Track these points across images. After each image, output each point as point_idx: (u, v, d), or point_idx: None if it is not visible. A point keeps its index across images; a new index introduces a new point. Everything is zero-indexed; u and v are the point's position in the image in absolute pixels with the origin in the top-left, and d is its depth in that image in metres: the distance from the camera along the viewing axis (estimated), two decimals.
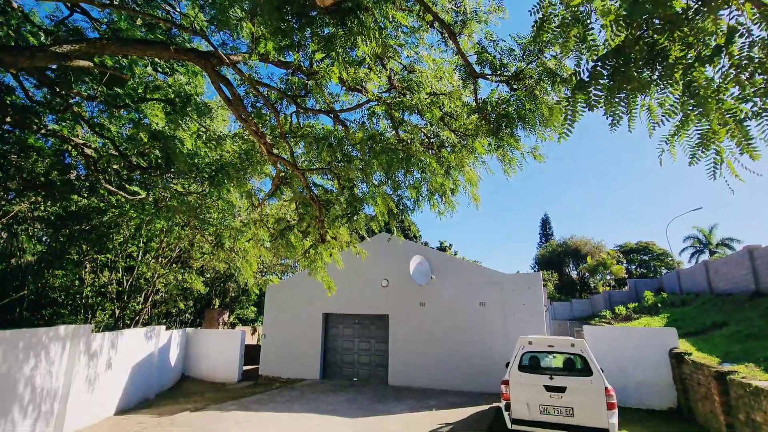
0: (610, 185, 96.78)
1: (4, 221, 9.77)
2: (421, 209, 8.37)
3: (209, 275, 20.35)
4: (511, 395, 6.53)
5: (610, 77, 2.59)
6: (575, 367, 7.03)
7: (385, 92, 6.58)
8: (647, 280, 30.78)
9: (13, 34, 6.77)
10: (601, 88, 2.59)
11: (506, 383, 6.67)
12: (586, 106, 2.63)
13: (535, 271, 38.64)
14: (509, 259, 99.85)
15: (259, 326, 24.90)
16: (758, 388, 6.06)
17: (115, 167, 9.79)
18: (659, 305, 19.46)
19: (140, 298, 15.28)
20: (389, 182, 7.87)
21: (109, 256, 13.07)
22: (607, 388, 6.16)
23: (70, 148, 8.95)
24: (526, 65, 5.63)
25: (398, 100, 5.80)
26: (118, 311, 14.47)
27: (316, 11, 4.65)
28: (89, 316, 13.79)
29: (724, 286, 16.94)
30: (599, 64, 2.56)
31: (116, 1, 6.45)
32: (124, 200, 9.77)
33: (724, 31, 2.50)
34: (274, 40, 5.61)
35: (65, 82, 7.47)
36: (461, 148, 6.76)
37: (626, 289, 30.60)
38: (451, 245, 37.42)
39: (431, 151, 6.70)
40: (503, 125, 5.82)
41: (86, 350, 8.34)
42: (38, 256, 11.40)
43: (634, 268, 41.31)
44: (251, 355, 16.80)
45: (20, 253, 12.29)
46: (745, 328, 10.80)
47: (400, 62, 6.62)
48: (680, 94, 2.63)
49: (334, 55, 4.96)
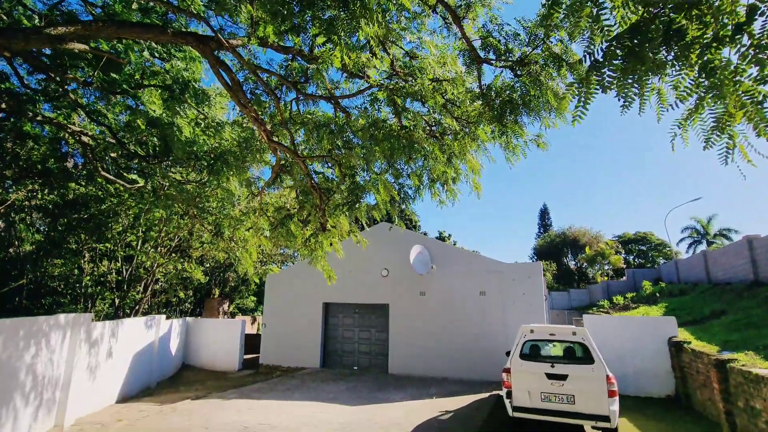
0: (609, 175, 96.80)
1: (1, 209, 9.68)
2: (422, 198, 8.31)
3: (209, 265, 20.33)
4: (512, 383, 6.56)
5: (624, 58, 2.51)
6: (575, 355, 7.05)
7: (386, 79, 6.47)
8: (645, 270, 30.92)
9: (5, 17, 6.61)
10: (615, 68, 2.52)
11: (508, 371, 6.68)
12: (599, 87, 2.56)
13: (533, 261, 38.76)
14: (508, 249, 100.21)
15: (258, 316, 24.98)
16: (759, 375, 6.09)
17: (112, 155, 9.67)
18: (657, 295, 19.56)
19: (140, 287, 15.26)
20: (390, 170, 7.80)
21: (108, 245, 13.00)
22: (608, 375, 6.18)
23: (66, 135, 8.82)
24: (531, 50, 5.52)
25: (401, 85, 5.69)
26: (117, 300, 14.46)
27: None
28: (89, 305, 13.77)
29: (722, 275, 17.01)
30: (614, 43, 2.48)
31: None
32: (122, 189, 9.67)
33: (743, 11, 2.42)
34: (273, 23, 5.48)
35: (60, 67, 7.32)
36: (464, 135, 6.68)
37: (624, 279, 30.75)
38: (450, 235, 37.44)
39: (434, 138, 6.61)
40: (507, 112, 5.73)
41: (87, 339, 8.33)
42: (36, 245, 11.33)
43: (632, 258, 41.49)
44: (251, 344, 16.87)
45: (18, 242, 12.21)
46: (743, 317, 10.85)
47: (402, 48, 6.50)
48: (696, 75, 2.56)
49: (335, 38, 4.84)
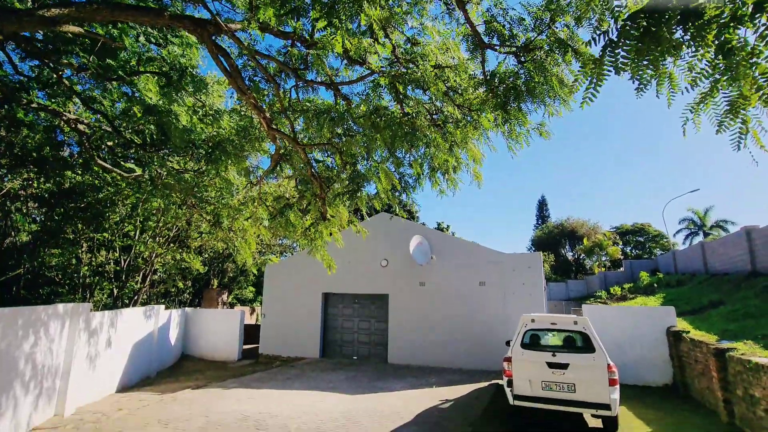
0: (608, 167, 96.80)
1: None
2: (422, 187, 8.26)
3: (207, 255, 20.28)
4: (513, 372, 6.57)
5: (640, 38, 2.43)
6: (575, 344, 7.07)
7: (388, 65, 6.36)
8: (643, 261, 31.05)
9: None
10: (629, 49, 2.44)
11: (508, 360, 6.69)
12: (612, 68, 2.49)
13: (531, 252, 38.89)
14: (506, 241, 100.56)
15: (257, 306, 25.02)
16: (758, 364, 6.12)
17: (109, 144, 9.54)
18: (655, 285, 19.66)
19: (138, 277, 15.20)
20: (391, 159, 7.72)
21: (105, 235, 12.90)
22: (609, 364, 6.20)
23: (61, 123, 8.67)
24: (536, 36, 5.42)
25: (402, 71, 5.59)
26: (116, 291, 14.41)
27: None
28: (87, 295, 13.72)
29: (720, 266, 17.08)
30: (629, 22, 2.40)
31: None
32: (119, 178, 9.56)
33: None
34: (273, 6, 5.36)
35: (55, 52, 7.16)
36: (466, 123, 6.59)
37: (622, 270, 30.89)
38: (448, 226, 37.45)
39: (436, 126, 6.52)
40: (511, 99, 5.64)
41: (86, 328, 8.29)
42: (33, 234, 11.23)
43: (629, 249, 41.65)
44: (250, 334, 16.92)
45: (14, 232, 12.11)
46: (741, 307, 10.91)
47: (403, 34, 6.38)
48: (712, 56, 2.49)
49: (337, 22, 4.73)
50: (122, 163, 9.48)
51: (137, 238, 13.96)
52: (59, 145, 9.21)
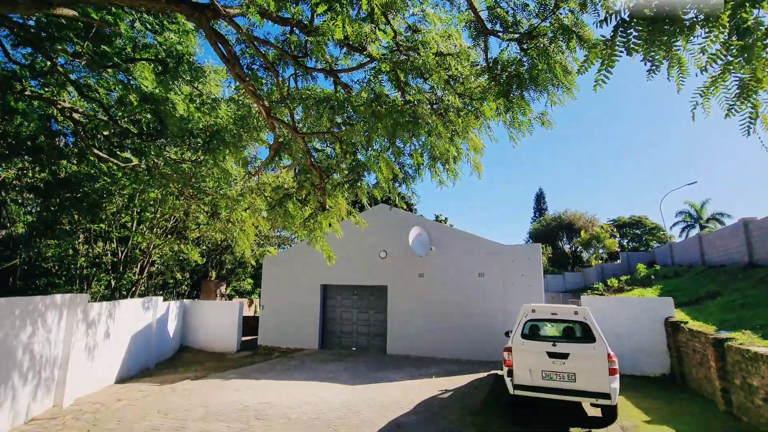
0: (605, 159, 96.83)
1: None
2: (422, 178, 8.19)
3: (206, 247, 20.20)
4: (513, 362, 6.58)
5: (653, 19, 2.37)
6: (575, 334, 7.08)
7: (388, 53, 6.26)
8: (639, 253, 31.20)
9: None
10: (641, 29, 2.38)
11: (509, 350, 6.70)
12: (624, 49, 2.43)
13: (530, 243, 38.96)
14: (503, 234, 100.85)
15: (255, 298, 25.03)
16: (757, 353, 6.15)
17: (105, 133, 9.40)
18: (652, 277, 19.75)
19: (136, 269, 15.13)
20: (391, 149, 7.64)
21: (102, 226, 12.78)
22: (609, 354, 6.21)
23: (55, 111, 8.53)
24: (540, 22, 5.33)
25: (404, 58, 5.50)
26: (114, 282, 14.34)
27: None
28: (84, 286, 13.65)
29: (717, 258, 17.16)
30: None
31: None
32: (115, 168, 9.44)
33: None
34: None
35: (48, 38, 7.01)
36: (467, 112, 6.52)
37: (619, 262, 31.01)
38: (446, 219, 37.41)
39: (437, 115, 6.44)
40: (514, 86, 5.58)
41: (84, 319, 8.24)
42: (29, 225, 11.11)
43: (626, 242, 41.84)
44: (249, 326, 16.93)
45: (10, 222, 11.98)
46: (738, 297, 10.96)
47: (404, 20, 6.28)
48: (726, 37, 2.43)
49: (337, 7, 4.64)
50: (118, 152, 9.36)
51: (134, 229, 13.87)
52: (54, 134, 9.07)
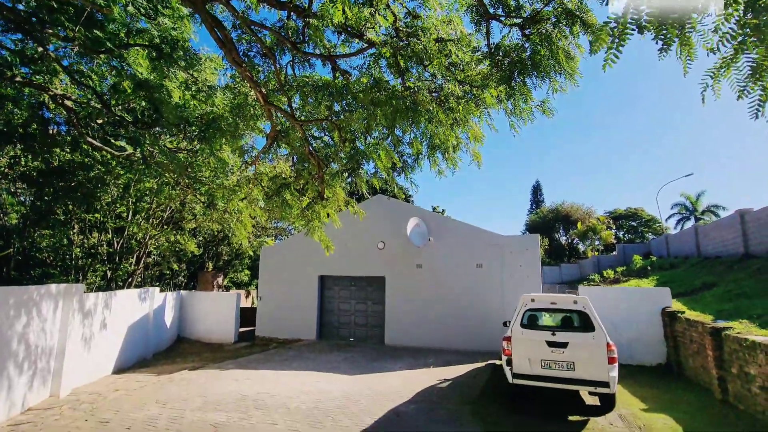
0: (603, 152, 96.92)
1: None
2: (421, 168, 8.12)
3: (202, 237, 20.08)
4: (513, 351, 6.58)
5: None
6: (575, 323, 7.09)
7: (388, 39, 6.15)
8: (635, 245, 31.36)
9: None
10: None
11: (508, 339, 6.70)
12: (636, 27, 2.36)
13: (529, 234, 39.04)
14: (500, 226, 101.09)
15: (253, 290, 24.98)
16: (755, 342, 6.18)
17: (99, 122, 9.23)
18: (648, 268, 19.87)
19: (132, 259, 15.01)
20: (390, 137, 7.54)
21: (97, 216, 12.63)
22: (608, 343, 6.22)
23: (47, 99, 8.34)
24: (543, 6, 5.24)
25: (405, 43, 5.39)
26: (110, 273, 14.23)
27: None
28: (80, 277, 13.54)
29: (712, 249, 17.26)
30: None
31: None
32: (109, 156, 9.29)
33: None
34: None
35: (39, 22, 6.83)
36: (467, 100, 6.44)
37: (615, 253, 31.19)
38: (444, 210, 37.42)
39: (437, 103, 6.35)
40: (516, 73, 5.49)
41: (80, 309, 8.16)
42: (22, 214, 10.95)
43: (622, 234, 42.04)
44: (246, 317, 16.91)
45: (3, 213, 11.81)
46: (735, 288, 11.03)
47: (404, 6, 6.15)
48: (741, 14, 2.36)
49: None
50: (113, 141, 9.20)
51: (130, 219, 13.73)
52: (46, 122, 8.90)
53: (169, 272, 19.04)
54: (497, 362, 10.30)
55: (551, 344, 6.43)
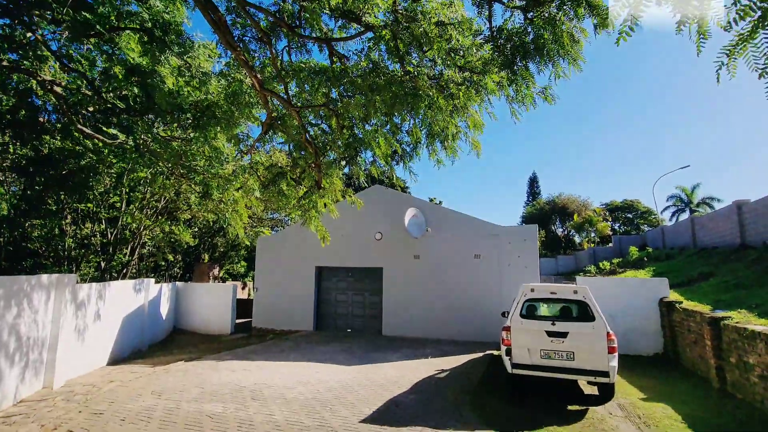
0: (599, 143, 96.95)
1: None
2: (419, 157, 8.00)
3: (198, 228, 19.88)
4: (512, 341, 6.53)
5: None
6: (575, 313, 7.05)
7: (387, 22, 5.98)
8: (631, 236, 31.46)
9: None
10: None
11: (507, 329, 6.64)
12: None
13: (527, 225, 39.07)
14: (497, 217, 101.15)
15: (249, 281, 24.87)
16: (754, 331, 6.16)
17: (90, 109, 9.00)
18: (645, 259, 19.92)
19: (126, 250, 14.83)
20: (389, 125, 7.39)
21: (90, 205, 12.41)
22: (609, 332, 6.18)
23: (35, 84, 8.10)
24: None
25: (405, 25, 5.22)
26: (103, 264, 14.05)
27: None
28: (73, 268, 13.35)
29: (709, 240, 17.29)
30: None
31: None
32: (101, 144, 9.06)
33: None
34: None
35: (26, 3, 6.59)
36: (468, 86, 6.29)
37: (611, 245, 31.27)
38: (440, 202, 37.29)
39: (437, 88, 6.20)
40: (518, 57, 5.35)
41: (73, 300, 8.02)
42: (12, 204, 10.72)
43: (618, 226, 42.18)
44: (242, 309, 16.81)
45: None
46: (732, 278, 11.03)
47: None
48: None
49: None
50: (104, 128, 8.97)
51: (124, 209, 13.52)
52: (36, 109, 8.66)
53: (164, 263, 18.87)
54: (495, 353, 10.29)
55: (551, 334, 6.39)
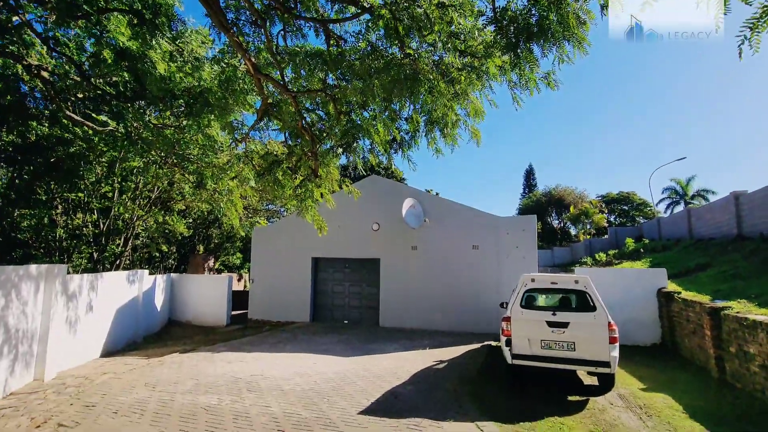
0: (596, 135, 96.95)
1: None
2: (417, 146, 7.83)
3: (192, 219, 19.64)
4: (512, 331, 6.44)
5: None
6: (575, 303, 6.97)
7: (386, 2, 5.78)
8: (627, 228, 31.54)
9: None
10: None
11: (507, 320, 6.55)
12: None
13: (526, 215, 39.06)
14: (493, 209, 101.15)
15: (245, 273, 24.70)
16: (755, 321, 6.11)
17: (79, 96, 8.74)
18: (641, 251, 19.93)
19: (119, 241, 14.60)
20: (387, 112, 7.22)
21: (81, 195, 12.16)
22: (610, 322, 6.11)
23: (20, 69, 7.82)
24: None
25: (405, 5, 5.03)
26: (96, 254, 13.83)
27: None
28: (65, 258, 13.13)
29: (705, 231, 17.30)
30: None
31: None
32: (91, 132, 8.83)
33: None
34: None
35: None
36: (469, 72, 6.12)
37: (606, 237, 31.34)
38: (437, 193, 37.16)
39: (438, 72, 6.02)
40: (522, 40, 5.18)
41: (63, 291, 7.84)
42: (0, 193, 10.47)
43: (614, 218, 42.30)
44: (238, 301, 16.69)
45: None
46: (730, 268, 11.01)
47: None
48: None
49: None
50: (94, 116, 8.73)
51: (116, 199, 13.26)
52: (23, 94, 8.38)
53: (158, 255, 18.66)
54: (493, 343, 10.24)
55: (552, 324, 6.31)
